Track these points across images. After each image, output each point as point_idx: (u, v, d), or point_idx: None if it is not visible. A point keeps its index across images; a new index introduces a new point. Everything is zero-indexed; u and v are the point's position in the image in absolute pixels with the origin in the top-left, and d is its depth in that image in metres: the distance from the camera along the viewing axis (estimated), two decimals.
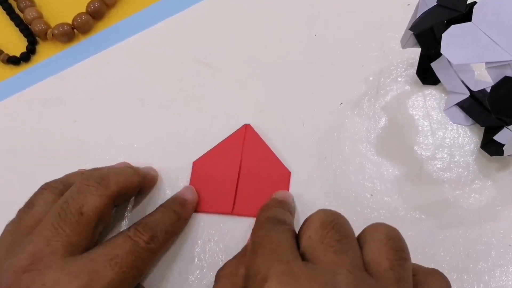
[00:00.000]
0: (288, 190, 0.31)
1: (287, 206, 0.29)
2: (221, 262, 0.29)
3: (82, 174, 0.28)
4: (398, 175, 0.31)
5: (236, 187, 0.31)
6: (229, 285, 0.24)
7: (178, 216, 0.29)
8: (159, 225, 0.27)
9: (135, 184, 0.29)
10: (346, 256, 0.21)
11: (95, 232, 0.26)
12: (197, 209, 0.31)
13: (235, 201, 0.31)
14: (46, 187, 0.28)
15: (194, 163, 0.32)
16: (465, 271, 0.28)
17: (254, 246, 0.24)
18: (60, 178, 0.29)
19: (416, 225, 0.29)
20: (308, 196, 0.31)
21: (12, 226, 0.26)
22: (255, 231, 0.25)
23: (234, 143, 0.32)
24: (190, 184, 0.32)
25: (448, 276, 0.28)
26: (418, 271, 0.23)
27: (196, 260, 0.30)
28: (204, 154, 0.32)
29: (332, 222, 0.23)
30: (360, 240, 0.23)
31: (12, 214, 0.30)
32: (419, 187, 0.30)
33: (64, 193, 0.27)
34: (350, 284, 0.20)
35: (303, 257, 0.22)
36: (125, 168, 0.29)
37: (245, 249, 0.28)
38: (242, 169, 0.31)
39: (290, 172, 0.32)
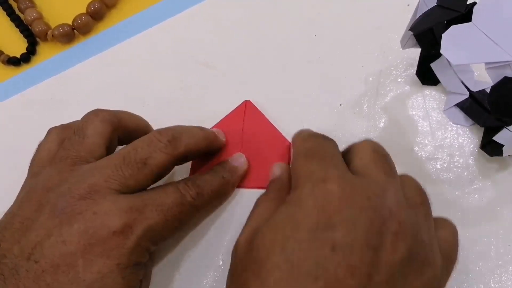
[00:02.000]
0: (289, 161, 0.32)
1: None
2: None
3: (157, 130, 0.28)
4: None
5: None
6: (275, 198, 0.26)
7: (225, 181, 0.30)
8: (207, 185, 0.28)
9: (202, 149, 0.30)
10: (395, 180, 0.24)
11: (152, 183, 0.27)
12: None
13: None
14: (96, 114, 0.28)
15: None
16: (464, 272, 0.28)
17: (307, 153, 0.25)
18: (110, 110, 0.30)
19: None
20: None
21: (63, 152, 0.27)
22: (301, 142, 0.27)
23: (235, 119, 0.33)
24: (193, 161, 0.32)
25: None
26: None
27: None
28: None
29: (383, 152, 0.26)
30: (348, 155, 0.26)
31: None
32: None
33: (114, 126, 0.28)
34: (396, 203, 0.23)
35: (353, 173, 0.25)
36: (197, 131, 0.30)
37: (277, 186, 0.28)
38: (244, 143, 0.32)
39: (290, 144, 0.32)
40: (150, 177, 0.26)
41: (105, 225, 0.24)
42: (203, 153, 0.30)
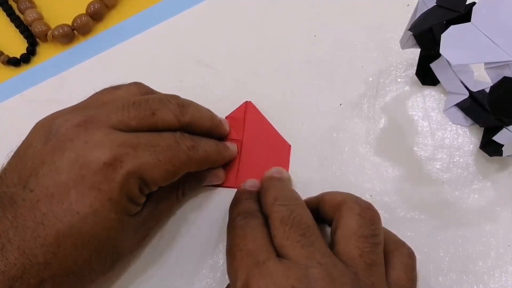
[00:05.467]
0: (288, 163, 0.32)
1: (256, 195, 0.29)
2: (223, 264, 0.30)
3: (168, 94, 0.29)
4: (398, 176, 0.31)
5: (239, 162, 0.32)
6: None
7: (219, 149, 0.30)
8: (202, 142, 0.28)
9: (206, 127, 0.29)
10: (314, 248, 0.23)
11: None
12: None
13: (237, 174, 0.32)
14: (136, 83, 0.30)
15: None
16: (464, 272, 0.28)
17: (232, 249, 0.25)
18: (151, 88, 0.31)
19: (415, 226, 0.29)
20: (308, 196, 0.31)
21: (93, 95, 0.29)
22: (229, 229, 0.27)
23: (236, 119, 0.33)
24: None
25: (447, 276, 0.28)
26: (387, 240, 0.25)
27: (197, 262, 0.30)
28: None
29: (290, 217, 0.25)
30: (334, 218, 0.25)
31: None
32: (418, 187, 0.30)
33: (149, 94, 0.29)
34: (323, 274, 0.22)
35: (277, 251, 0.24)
36: (205, 109, 0.30)
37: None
38: (244, 144, 0.32)
39: (290, 146, 0.32)
40: (152, 127, 0.26)
41: (95, 155, 0.24)
42: (206, 134, 0.30)
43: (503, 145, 0.28)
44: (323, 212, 0.27)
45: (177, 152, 0.26)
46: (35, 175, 0.24)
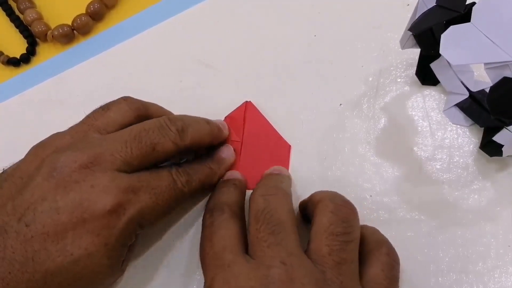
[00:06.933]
0: (288, 163, 0.32)
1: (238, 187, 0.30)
2: None
3: (167, 117, 0.29)
4: (398, 176, 0.31)
5: (239, 162, 0.32)
6: None
7: (212, 171, 0.30)
8: (196, 174, 0.28)
9: (205, 143, 0.30)
10: (280, 246, 0.23)
11: (150, 167, 0.27)
12: None
13: None
14: (125, 99, 0.29)
15: None
16: (464, 272, 0.28)
17: (201, 253, 0.26)
18: (140, 100, 0.30)
19: (415, 226, 0.29)
20: (307, 196, 0.31)
21: (86, 120, 0.28)
22: (202, 229, 0.27)
23: (236, 119, 0.33)
24: None
25: (447, 277, 0.28)
26: (366, 240, 0.25)
27: (197, 261, 0.30)
28: None
29: (264, 211, 0.25)
30: (311, 215, 0.25)
31: None
32: (418, 188, 0.30)
33: (139, 114, 0.29)
34: (283, 275, 0.22)
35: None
36: (204, 125, 0.30)
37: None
38: (244, 144, 0.32)
39: (290, 146, 0.32)
40: (152, 162, 0.27)
41: (101, 201, 0.24)
42: (206, 146, 0.30)
43: (503, 145, 0.28)
44: (308, 211, 0.27)
45: (173, 192, 0.27)
46: (33, 210, 0.23)
